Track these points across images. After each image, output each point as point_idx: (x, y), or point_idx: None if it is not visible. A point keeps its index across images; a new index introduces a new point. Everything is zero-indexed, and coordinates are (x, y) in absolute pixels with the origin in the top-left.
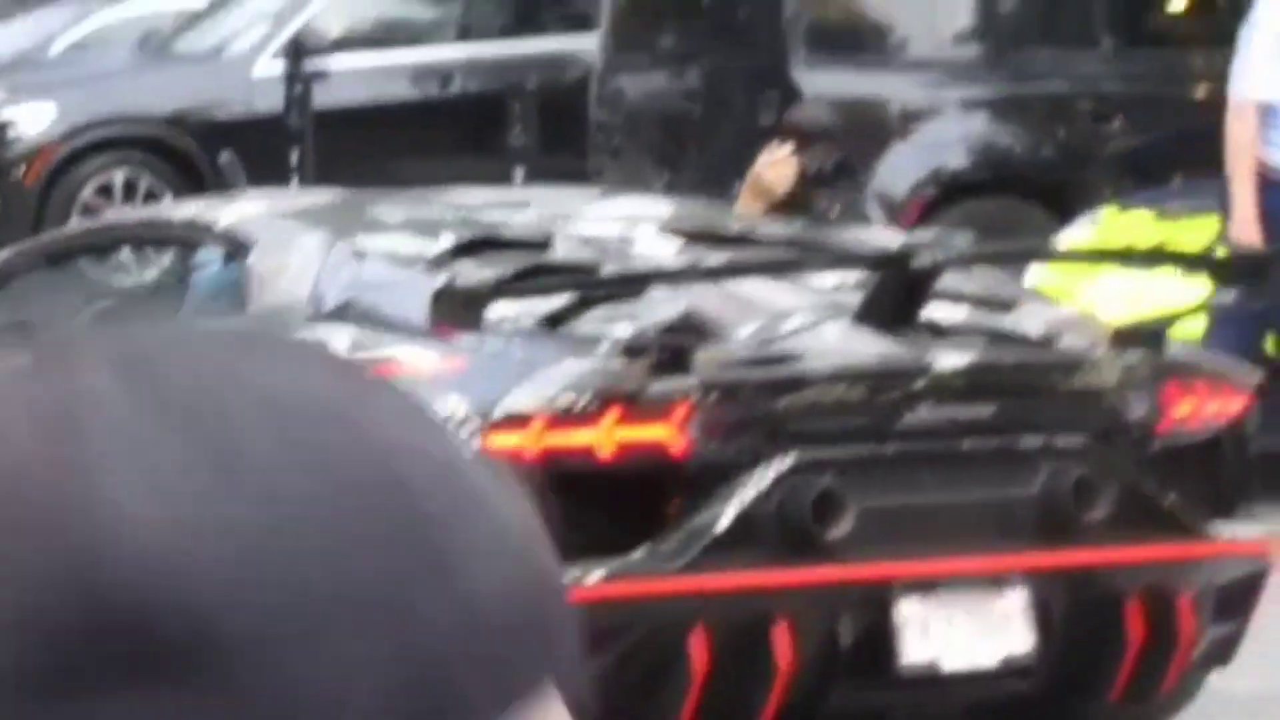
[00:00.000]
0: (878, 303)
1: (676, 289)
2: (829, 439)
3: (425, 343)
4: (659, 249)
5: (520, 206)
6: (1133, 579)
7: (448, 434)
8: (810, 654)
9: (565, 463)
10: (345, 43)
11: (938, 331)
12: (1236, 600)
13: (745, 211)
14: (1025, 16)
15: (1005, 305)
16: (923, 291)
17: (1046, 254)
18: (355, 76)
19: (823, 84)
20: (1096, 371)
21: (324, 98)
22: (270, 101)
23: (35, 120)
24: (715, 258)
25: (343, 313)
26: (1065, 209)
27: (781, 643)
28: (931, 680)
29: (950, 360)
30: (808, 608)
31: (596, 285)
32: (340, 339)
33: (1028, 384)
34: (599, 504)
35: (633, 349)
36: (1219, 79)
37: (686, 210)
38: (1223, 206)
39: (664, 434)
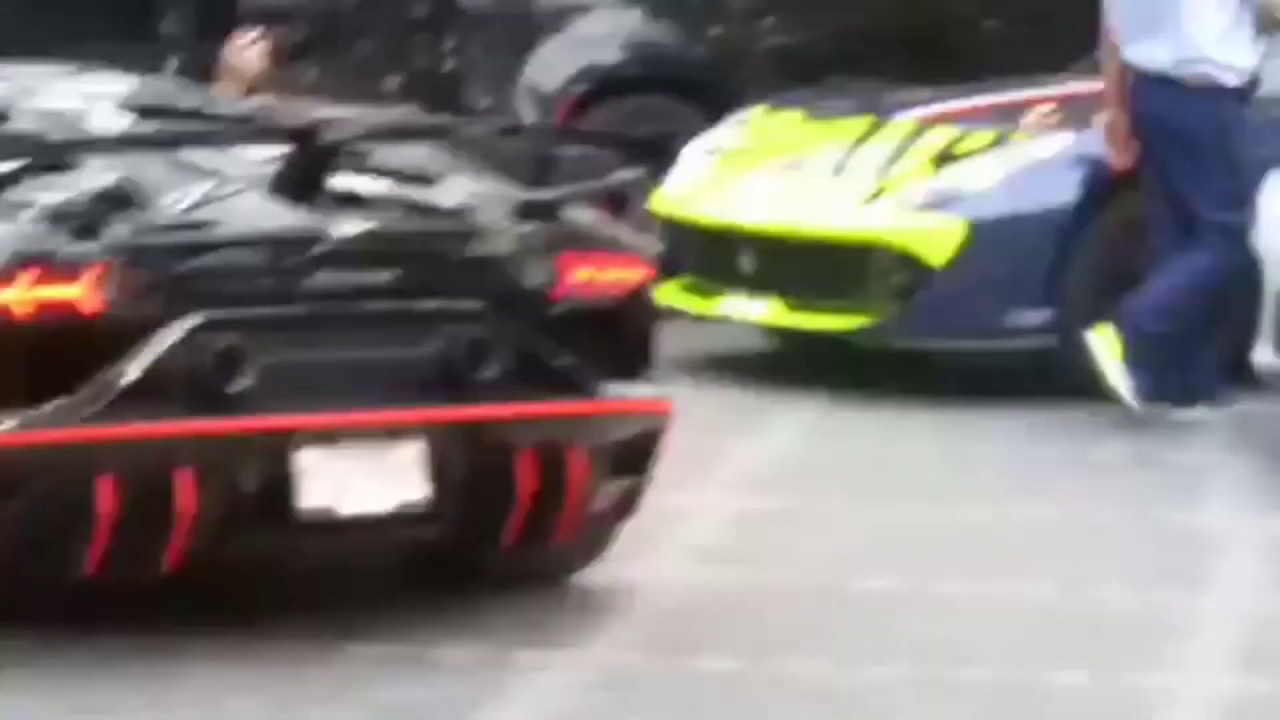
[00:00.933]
0: (289, 174)
1: (114, 159)
2: (234, 301)
3: None
4: (111, 122)
5: None
6: (524, 433)
7: None
8: (213, 500)
9: None
10: None
11: (346, 201)
12: (634, 456)
13: (223, 94)
14: None
15: (429, 180)
16: (328, 164)
17: (442, 133)
18: None
19: None
20: (492, 240)
21: None
22: None
23: None
24: (149, 130)
25: None
26: (718, 108)
27: (184, 489)
28: (329, 524)
29: (350, 228)
30: (210, 456)
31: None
32: None
33: (426, 252)
34: (17, 360)
35: (55, 215)
36: None
37: (148, 88)
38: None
39: (77, 294)
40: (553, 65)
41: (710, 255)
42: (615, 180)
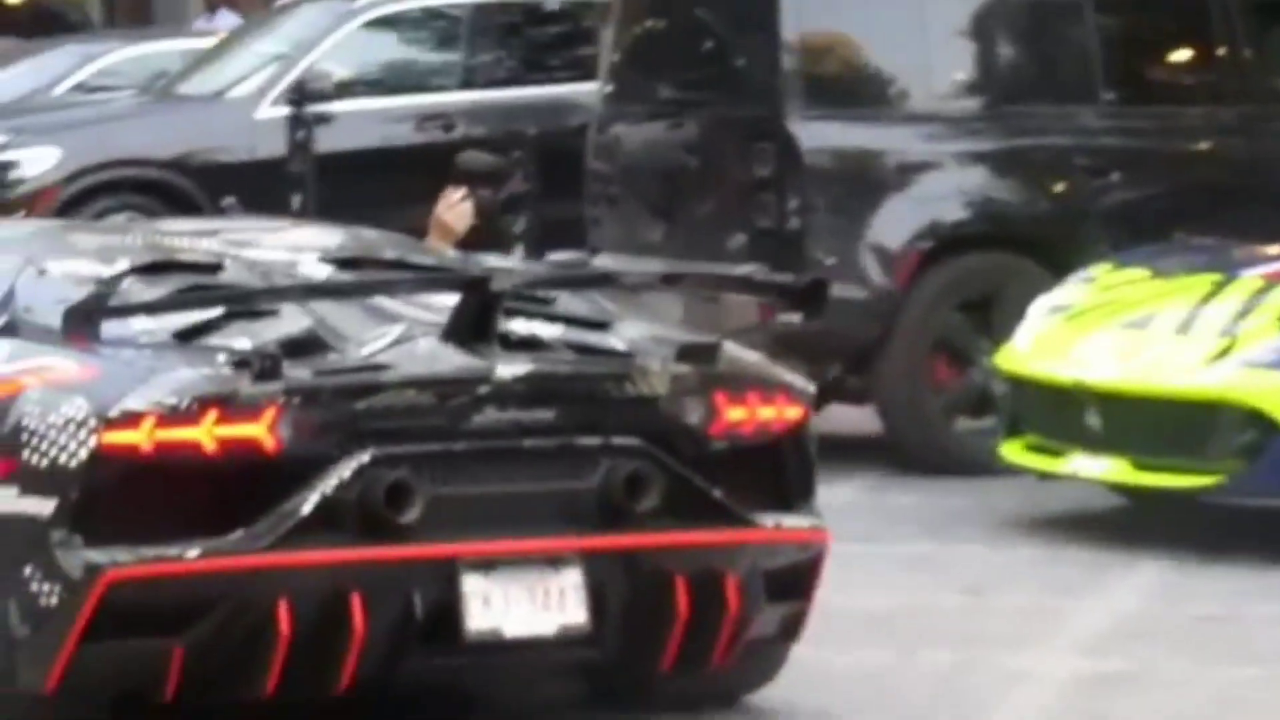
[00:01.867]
0: (460, 320)
1: (312, 307)
2: (403, 438)
3: (69, 353)
4: (313, 272)
5: (209, 235)
6: (680, 561)
7: None
8: (383, 623)
9: (173, 455)
10: (349, 88)
11: (514, 345)
12: (793, 582)
13: (433, 246)
14: (1023, 70)
15: (602, 325)
16: (496, 310)
17: (607, 281)
18: (358, 121)
19: (820, 136)
20: (649, 381)
21: (327, 142)
22: (273, 145)
23: (38, 162)
24: (336, 280)
25: (14, 327)
26: (1061, 264)
27: (357, 613)
28: (495, 645)
29: (513, 370)
30: (381, 582)
31: (195, 302)
32: (0, 350)
33: (586, 392)
34: (202, 492)
35: (238, 359)
36: (1216, 135)
37: (355, 240)
38: None
39: (256, 432)
40: (896, 222)
41: (1055, 413)
42: (780, 323)
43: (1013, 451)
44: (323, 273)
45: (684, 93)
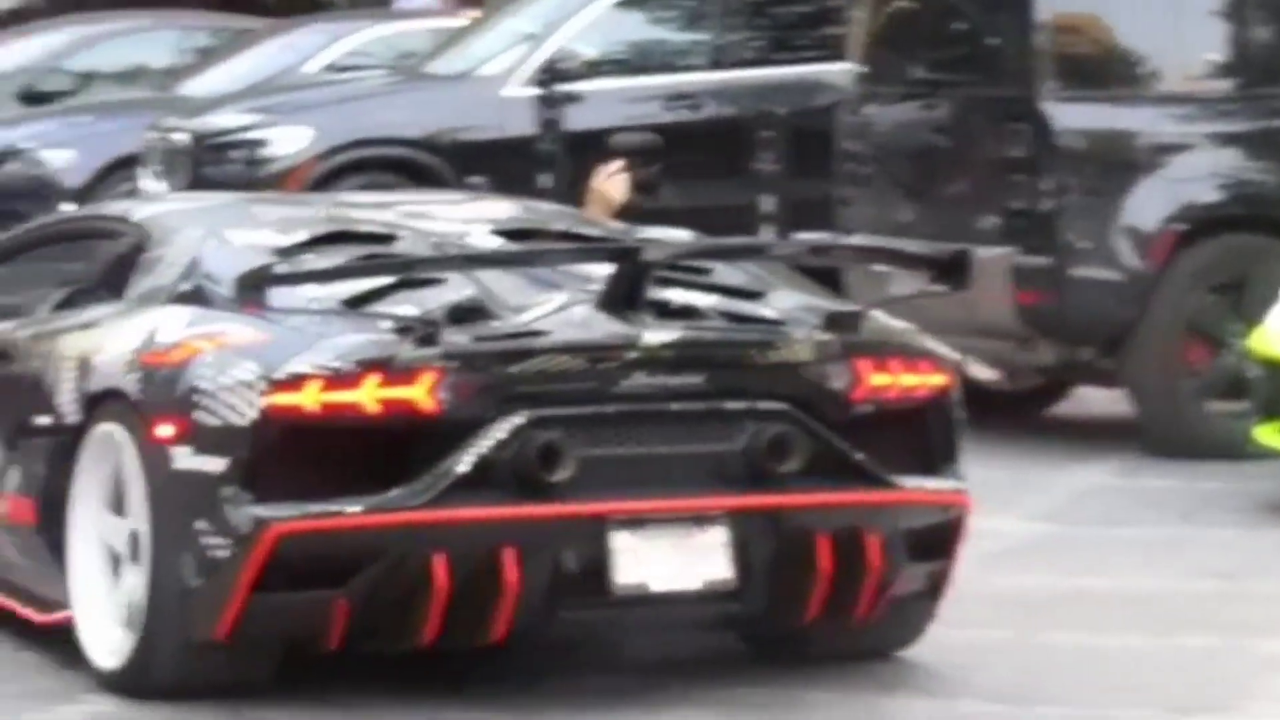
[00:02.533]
0: (613, 289)
1: (472, 277)
2: (556, 401)
3: (244, 319)
4: (483, 243)
5: (388, 207)
6: (822, 519)
7: None
8: (535, 576)
9: (336, 416)
10: (597, 67)
11: (665, 312)
12: (934, 542)
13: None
14: (1277, 51)
15: (757, 294)
16: (647, 280)
17: (758, 252)
18: (607, 101)
19: (1073, 117)
20: (793, 348)
21: (575, 121)
22: (521, 124)
23: (289, 141)
24: (494, 250)
25: (196, 294)
26: None
27: (510, 567)
28: (642, 598)
29: (660, 336)
30: (533, 538)
31: (353, 272)
32: (179, 317)
33: (732, 357)
34: (364, 451)
35: (401, 325)
36: None
37: (528, 213)
38: None
39: (415, 394)
40: (1150, 204)
41: None
42: (923, 293)
43: (1266, 435)
44: (491, 244)
45: (936, 73)
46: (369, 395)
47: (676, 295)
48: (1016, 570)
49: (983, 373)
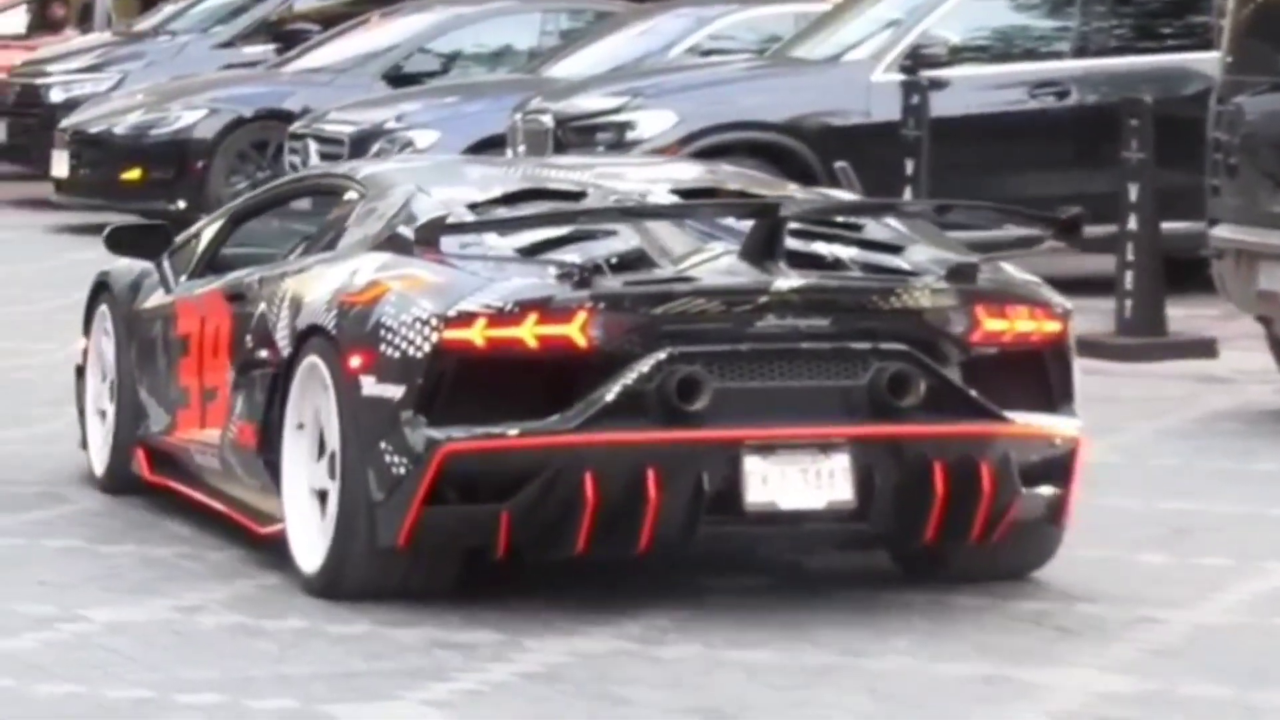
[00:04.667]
0: (753, 241)
1: (642, 228)
2: (695, 339)
3: (428, 264)
4: (660, 200)
5: (585, 169)
6: (938, 449)
7: None
8: (675, 495)
9: (500, 350)
10: (962, 54)
11: (803, 263)
12: (1048, 472)
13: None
14: None
15: (894, 248)
16: (782, 231)
17: (887, 209)
18: (972, 87)
19: None
20: (914, 295)
21: (941, 108)
22: (887, 110)
23: (655, 124)
24: (645, 204)
25: (393, 242)
26: None
27: (652, 485)
28: (771, 516)
29: (789, 283)
30: (673, 460)
31: (512, 223)
32: (374, 261)
33: (858, 303)
34: (526, 381)
35: (562, 271)
36: None
37: (708, 174)
38: None
39: (570, 331)
40: None
41: None
42: (1037, 250)
43: None
44: (666, 200)
45: None
46: (529, 332)
47: (818, 247)
48: None
49: None
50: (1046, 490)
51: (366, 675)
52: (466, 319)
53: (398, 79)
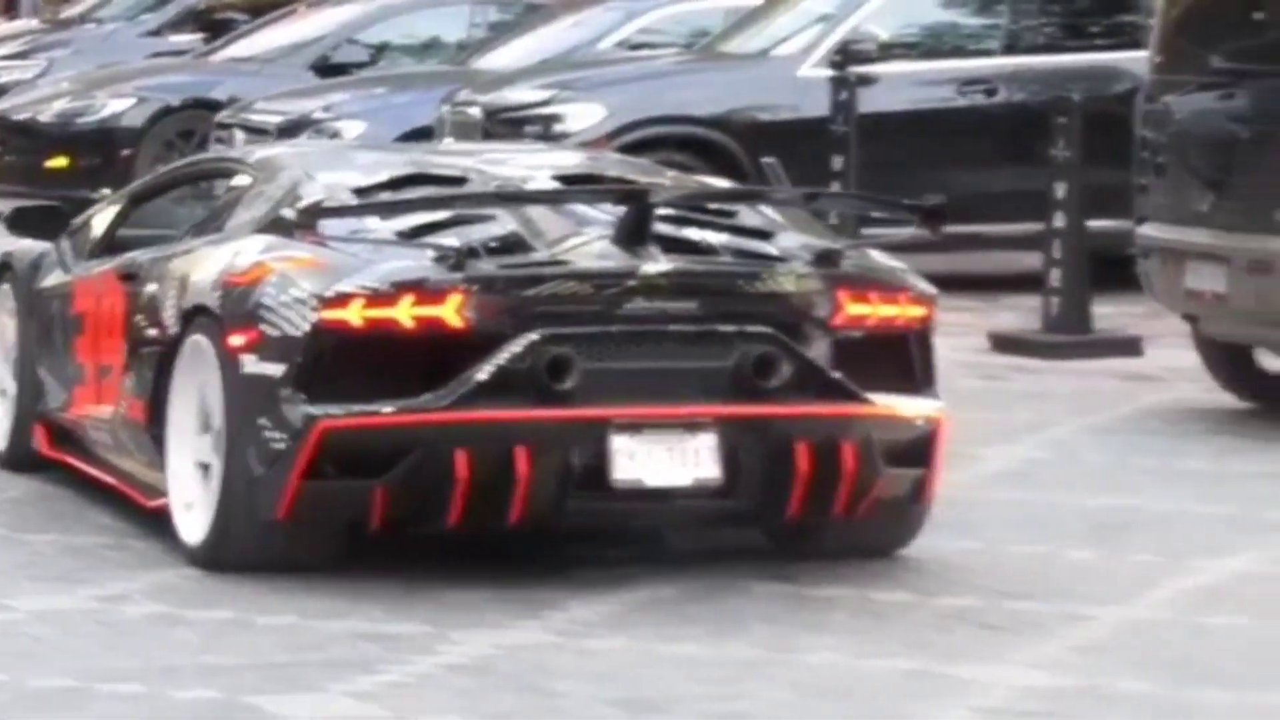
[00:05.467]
0: (623, 226)
1: (520, 213)
2: (566, 320)
3: (310, 247)
4: (539, 186)
5: (471, 155)
6: (801, 429)
7: None
8: (545, 471)
9: (377, 330)
10: (892, 50)
11: (673, 248)
12: (911, 452)
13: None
14: None
15: (766, 234)
16: (651, 217)
17: (754, 197)
18: (901, 84)
19: None
20: (779, 280)
21: (869, 104)
22: (815, 106)
23: (583, 118)
24: (516, 190)
25: (277, 225)
26: None
27: (522, 462)
28: (638, 493)
29: (656, 267)
30: (543, 438)
31: (386, 208)
32: (258, 243)
33: (724, 287)
34: (402, 360)
35: (439, 254)
36: None
37: (590, 162)
38: None
39: (444, 312)
40: None
41: None
42: (902, 237)
43: None
44: (544, 186)
45: (1236, 63)
46: (405, 312)
47: (691, 233)
48: None
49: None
50: (910, 470)
51: (291, 666)
52: (344, 300)
53: (326, 69)
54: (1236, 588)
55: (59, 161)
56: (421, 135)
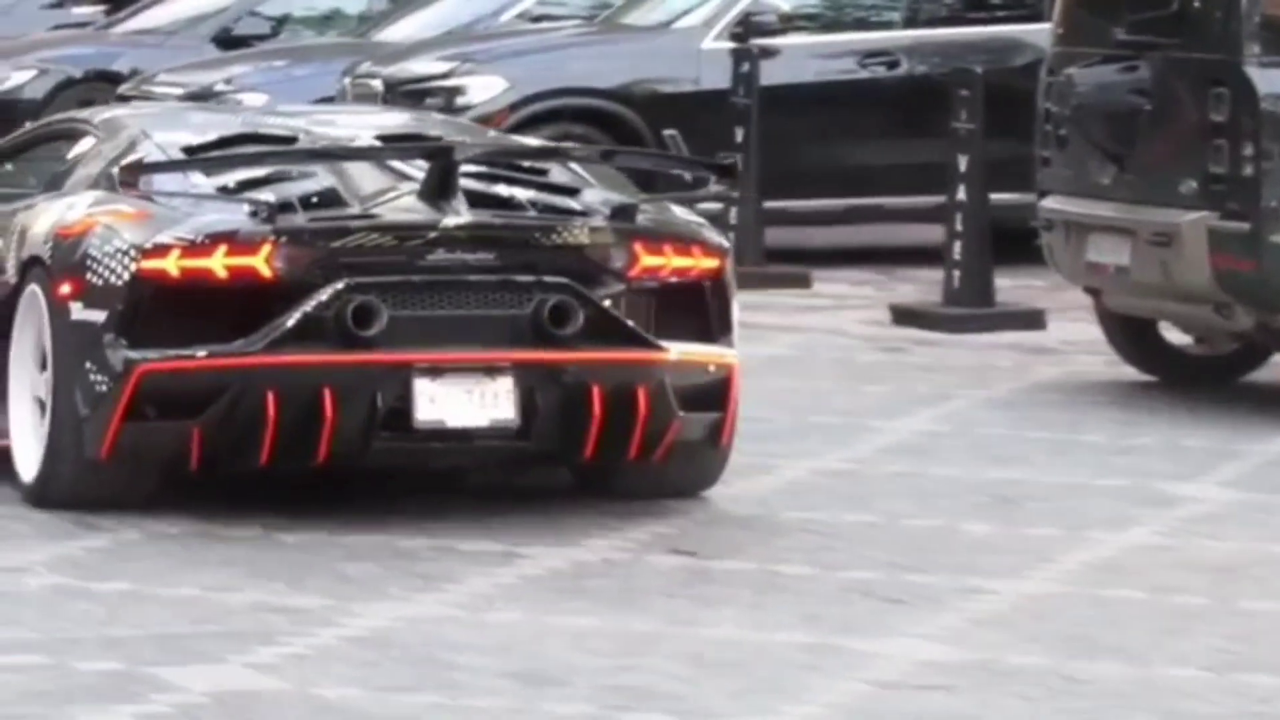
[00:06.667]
0: (428, 181)
1: (338, 169)
2: (371, 271)
3: (136, 202)
4: (360, 144)
5: (302, 116)
6: (596, 374)
7: None
8: (350, 412)
9: (193, 280)
10: (793, 22)
11: (477, 202)
12: (705, 397)
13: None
14: None
15: (570, 190)
16: (456, 173)
17: (553, 154)
18: (802, 56)
19: (1276, 81)
20: (574, 233)
21: (771, 76)
22: (717, 78)
23: (484, 89)
24: (327, 147)
25: (107, 180)
26: None
27: (328, 403)
28: (439, 433)
29: (456, 220)
30: (348, 380)
31: (206, 164)
32: (89, 198)
33: (522, 239)
34: (217, 308)
35: (252, 208)
36: None
37: (414, 123)
38: None
39: (255, 262)
40: None
41: None
42: (705, 194)
43: None
44: (360, 144)
45: (1138, 35)
46: (218, 263)
47: (499, 189)
48: (1212, 536)
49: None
50: (706, 414)
51: (192, 638)
52: (162, 250)
53: (228, 41)
54: (1134, 561)
55: None
56: None
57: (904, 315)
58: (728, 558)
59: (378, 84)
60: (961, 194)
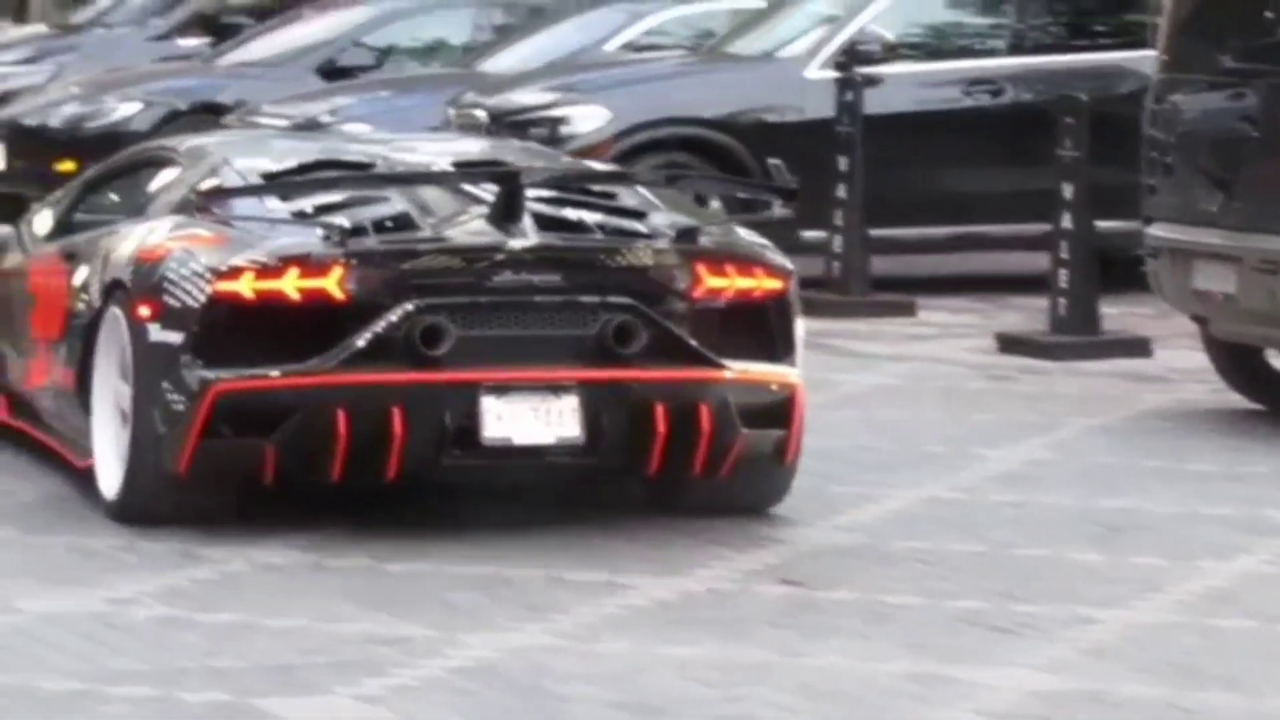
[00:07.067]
0: (496, 205)
1: (412, 193)
2: (439, 292)
3: (213, 226)
4: (434, 170)
5: (383, 143)
6: (659, 392)
7: None
8: (419, 429)
9: (267, 301)
10: (897, 51)
11: (545, 225)
12: (768, 414)
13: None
14: None
15: (638, 214)
16: (522, 197)
17: (619, 178)
18: (907, 85)
19: None
20: (639, 254)
21: (875, 105)
22: (821, 107)
23: (588, 120)
24: (398, 173)
25: (186, 206)
26: None
27: (397, 421)
28: (506, 450)
29: (523, 243)
30: (417, 398)
31: (277, 189)
32: (169, 223)
33: (588, 260)
34: (289, 329)
35: (325, 233)
36: None
37: (492, 150)
38: None
39: (327, 284)
40: None
41: None
42: (767, 217)
43: None
44: (438, 171)
45: (1244, 62)
46: (291, 285)
47: (567, 212)
48: None
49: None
50: (770, 431)
51: (300, 669)
52: (236, 272)
53: (332, 73)
54: (1244, 590)
55: (67, 166)
56: None
57: (1010, 343)
58: (835, 587)
59: (482, 114)
60: (1067, 221)
